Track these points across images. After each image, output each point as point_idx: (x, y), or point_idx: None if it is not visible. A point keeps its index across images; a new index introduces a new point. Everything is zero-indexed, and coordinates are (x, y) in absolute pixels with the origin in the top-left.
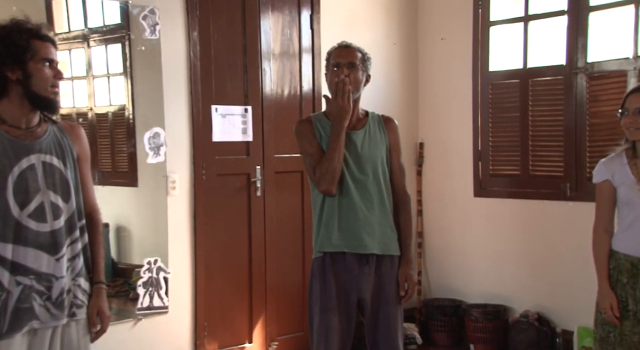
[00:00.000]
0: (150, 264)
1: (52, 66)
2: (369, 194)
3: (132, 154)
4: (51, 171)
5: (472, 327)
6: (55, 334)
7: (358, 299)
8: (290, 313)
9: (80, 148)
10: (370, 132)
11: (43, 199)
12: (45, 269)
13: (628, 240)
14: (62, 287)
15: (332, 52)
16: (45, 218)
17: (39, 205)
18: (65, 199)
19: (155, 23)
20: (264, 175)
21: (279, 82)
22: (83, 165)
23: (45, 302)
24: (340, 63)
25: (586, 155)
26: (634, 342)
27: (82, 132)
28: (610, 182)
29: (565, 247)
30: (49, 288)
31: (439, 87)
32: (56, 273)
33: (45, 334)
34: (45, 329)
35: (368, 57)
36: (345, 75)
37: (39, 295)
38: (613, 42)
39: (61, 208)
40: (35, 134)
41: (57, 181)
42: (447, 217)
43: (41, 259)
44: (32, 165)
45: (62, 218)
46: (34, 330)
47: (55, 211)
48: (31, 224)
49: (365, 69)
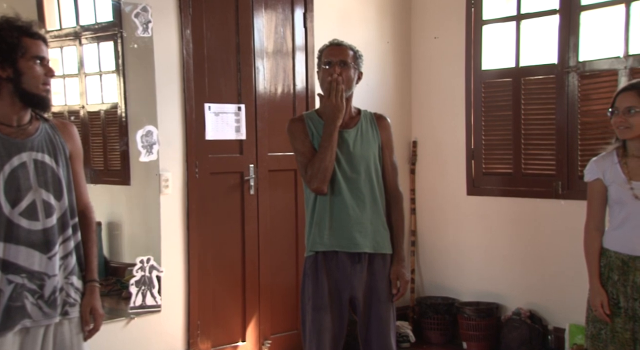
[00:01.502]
0: (142, 262)
1: (43, 64)
2: (360, 193)
3: (124, 152)
4: (43, 169)
5: (465, 325)
6: (47, 332)
7: (350, 297)
8: (283, 311)
9: (72, 146)
10: (362, 131)
11: (35, 197)
12: (37, 268)
13: (619, 238)
14: (54, 285)
15: (323, 50)
16: (37, 216)
17: (30, 204)
18: (58, 197)
19: (148, 21)
20: (257, 173)
21: (272, 81)
22: (76, 163)
23: (37, 300)
24: (332, 61)
25: (578, 154)
26: (625, 339)
27: (75, 130)
28: (602, 180)
29: (557, 245)
30: (41, 286)
31: (432, 86)
32: (48, 271)
33: (37, 333)
34: (38, 327)
35: (360, 54)
36: (337, 74)
37: (31, 294)
38: (604, 41)
39: (53, 206)
40: (27, 132)
41: (49, 179)
42: (440, 216)
43: (33, 258)
44: (24, 163)
45: (55, 216)
46: (26, 329)
47: (48, 209)
48: (23, 222)
49: (357, 66)
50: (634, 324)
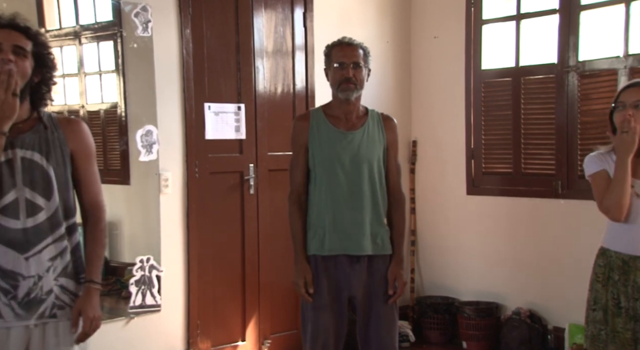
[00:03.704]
0: (142, 262)
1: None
2: (362, 194)
3: (124, 151)
4: (30, 167)
5: (465, 324)
6: (33, 333)
7: (350, 296)
8: (283, 311)
9: (77, 144)
10: (369, 132)
11: (18, 196)
12: (10, 267)
13: (619, 238)
14: (29, 286)
15: (332, 47)
16: (17, 215)
17: (12, 202)
18: (47, 197)
19: (148, 20)
20: (257, 173)
21: (272, 80)
22: (81, 161)
23: (10, 301)
24: (345, 63)
25: (577, 153)
26: (626, 339)
27: (81, 127)
28: (607, 171)
29: (556, 245)
30: (15, 287)
31: (432, 85)
32: (23, 272)
33: (20, 333)
34: (21, 328)
35: (368, 51)
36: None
37: (3, 294)
38: (604, 40)
39: (40, 206)
40: (19, 129)
41: (37, 178)
42: (440, 215)
43: (7, 256)
44: (10, 161)
45: (42, 216)
46: (7, 328)
47: (31, 209)
48: (1, 220)
49: (367, 65)
50: (635, 323)
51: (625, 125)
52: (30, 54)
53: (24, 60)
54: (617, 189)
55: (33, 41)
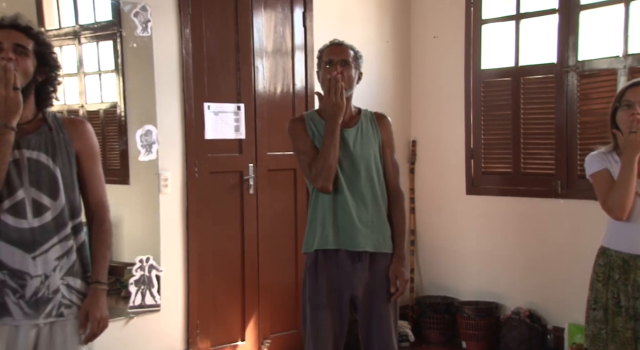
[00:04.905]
0: (142, 262)
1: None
2: (361, 192)
3: (123, 151)
4: (37, 168)
5: (464, 324)
6: (41, 332)
7: (351, 296)
8: (283, 311)
9: (81, 144)
10: (362, 130)
11: (25, 196)
12: (17, 266)
13: (619, 237)
14: (36, 286)
15: (324, 49)
16: (24, 215)
17: (19, 201)
18: (53, 197)
19: (147, 20)
20: (256, 173)
21: (271, 80)
22: (86, 162)
23: (18, 300)
24: (333, 60)
25: (577, 153)
26: (627, 338)
27: (85, 127)
28: (609, 170)
29: (556, 245)
30: (22, 286)
31: (432, 85)
32: (30, 271)
33: (29, 332)
34: (29, 326)
35: (360, 55)
36: (338, 73)
37: (12, 292)
38: (603, 40)
39: (47, 206)
40: (25, 130)
41: (43, 178)
42: (440, 215)
43: (14, 256)
44: (17, 161)
45: (49, 216)
46: (16, 326)
47: (38, 209)
48: (9, 219)
49: (357, 66)
50: (635, 323)
51: (634, 125)
52: (33, 53)
53: (25, 59)
54: (621, 188)
55: (35, 40)
